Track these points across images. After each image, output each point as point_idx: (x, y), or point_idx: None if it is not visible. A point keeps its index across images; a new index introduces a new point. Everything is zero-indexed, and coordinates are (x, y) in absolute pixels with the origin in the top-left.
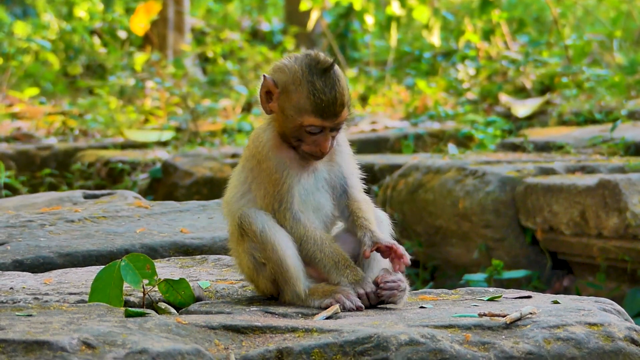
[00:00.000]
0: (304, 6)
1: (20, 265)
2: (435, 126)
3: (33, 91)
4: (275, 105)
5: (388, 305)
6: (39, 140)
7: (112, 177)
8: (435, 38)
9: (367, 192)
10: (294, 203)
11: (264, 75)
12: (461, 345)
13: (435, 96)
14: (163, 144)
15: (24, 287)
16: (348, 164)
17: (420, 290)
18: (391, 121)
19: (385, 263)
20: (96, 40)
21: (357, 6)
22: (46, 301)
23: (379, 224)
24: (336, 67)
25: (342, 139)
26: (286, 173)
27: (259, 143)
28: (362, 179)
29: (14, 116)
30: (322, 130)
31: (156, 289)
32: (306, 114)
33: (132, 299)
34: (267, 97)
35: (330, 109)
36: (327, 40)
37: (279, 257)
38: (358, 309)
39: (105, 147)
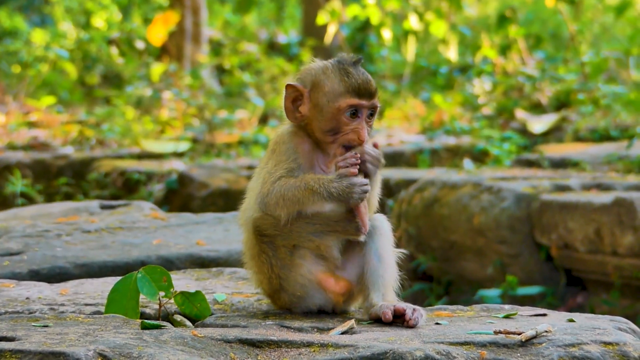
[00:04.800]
0: (321, 19)
1: (36, 275)
2: (451, 141)
3: (50, 100)
4: (306, 107)
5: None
6: (56, 149)
7: (128, 187)
8: (452, 53)
9: (382, 205)
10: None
11: (287, 84)
12: None
13: (451, 111)
14: (179, 155)
15: (40, 297)
16: (373, 197)
17: (435, 307)
18: (407, 135)
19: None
20: (114, 50)
21: (375, 20)
22: (62, 312)
23: (380, 235)
24: None
25: (379, 178)
26: (295, 157)
27: (277, 132)
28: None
29: (31, 125)
30: (360, 113)
31: (172, 301)
32: (342, 96)
33: (148, 310)
34: (295, 104)
35: (365, 87)
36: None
37: None
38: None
39: (121, 157)
